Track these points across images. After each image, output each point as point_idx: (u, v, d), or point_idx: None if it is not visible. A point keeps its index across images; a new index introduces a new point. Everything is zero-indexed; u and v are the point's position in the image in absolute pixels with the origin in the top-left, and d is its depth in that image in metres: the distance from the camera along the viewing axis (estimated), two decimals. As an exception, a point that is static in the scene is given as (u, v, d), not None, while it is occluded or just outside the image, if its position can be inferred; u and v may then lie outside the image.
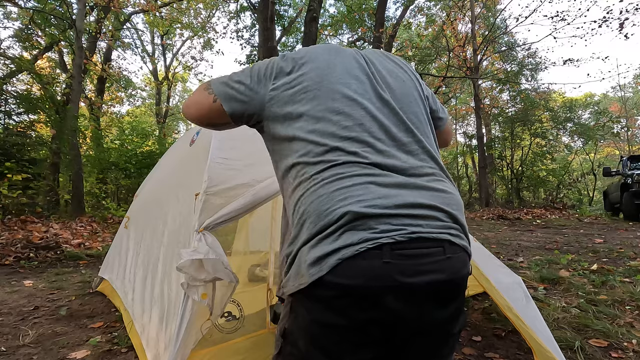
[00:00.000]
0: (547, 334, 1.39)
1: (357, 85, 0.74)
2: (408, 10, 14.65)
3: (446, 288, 0.63)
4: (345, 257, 0.57)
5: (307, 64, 0.76)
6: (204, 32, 16.95)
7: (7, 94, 7.43)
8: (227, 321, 1.75)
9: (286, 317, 0.67)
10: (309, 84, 0.73)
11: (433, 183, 0.68)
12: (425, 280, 0.59)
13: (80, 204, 7.65)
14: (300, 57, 0.78)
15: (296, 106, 0.72)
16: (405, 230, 0.59)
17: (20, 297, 2.69)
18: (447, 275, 0.62)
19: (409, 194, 0.63)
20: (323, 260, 0.59)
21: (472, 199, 15.46)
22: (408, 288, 0.58)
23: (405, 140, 0.71)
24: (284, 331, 0.67)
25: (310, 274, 0.59)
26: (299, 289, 0.61)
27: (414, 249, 0.59)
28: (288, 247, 0.68)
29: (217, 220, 1.33)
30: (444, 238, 0.62)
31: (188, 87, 24.98)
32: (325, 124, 0.69)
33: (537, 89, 15.37)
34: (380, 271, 0.57)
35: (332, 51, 0.80)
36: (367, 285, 0.57)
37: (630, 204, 7.47)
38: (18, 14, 11.58)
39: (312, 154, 0.68)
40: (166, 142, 10.85)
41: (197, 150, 1.90)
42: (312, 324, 0.61)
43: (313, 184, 0.65)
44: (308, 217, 0.63)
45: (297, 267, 0.63)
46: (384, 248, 0.58)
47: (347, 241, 0.58)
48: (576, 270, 3.11)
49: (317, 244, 0.61)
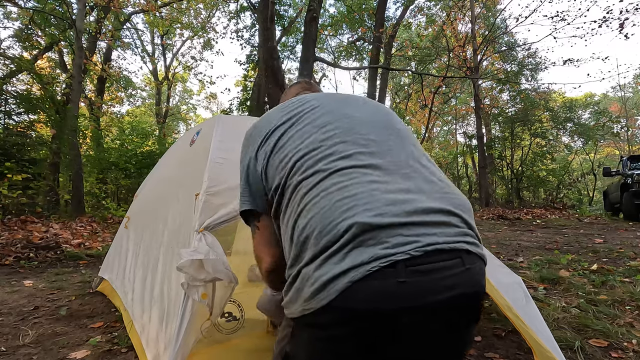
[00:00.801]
0: (547, 334, 1.39)
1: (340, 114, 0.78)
2: (408, 10, 14.65)
3: (467, 303, 0.58)
4: (355, 279, 0.52)
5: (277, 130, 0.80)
6: (204, 32, 16.95)
7: (7, 94, 7.42)
8: (227, 321, 1.75)
9: (287, 339, 0.64)
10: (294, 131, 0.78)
11: (438, 185, 0.66)
12: (444, 298, 0.54)
13: (80, 204, 7.65)
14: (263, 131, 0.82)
15: (282, 145, 0.75)
16: (420, 242, 0.54)
17: (20, 297, 2.69)
18: (467, 289, 0.57)
19: (418, 198, 0.59)
20: (330, 284, 0.53)
21: (472, 199, 15.45)
22: (427, 308, 0.53)
23: (395, 145, 0.73)
24: (285, 354, 0.64)
25: (318, 299, 0.54)
26: (303, 314, 0.57)
27: (431, 264, 0.54)
28: (289, 268, 0.63)
29: (217, 220, 1.33)
30: (461, 248, 0.57)
31: (188, 87, 25.01)
32: (314, 135, 0.71)
33: (537, 89, 15.38)
34: (395, 292, 0.52)
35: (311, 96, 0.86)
36: (381, 308, 0.52)
37: (630, 204, 7.47)
38: (18, 14, 11.58)
39: (306, 165, 0.66)
40: (166, 142, 10.85)
41: (197, 150, 1.90)
42: (317, 349, 0.58)
43: (313, 196, 0.61)
44: (310, 233, 0.58)
45: (298, 289, 0.58)
46: (398, 266, 0.52)
47: (356, 260, 0.53)
48: (576, 270, 3.11)
49: (322, 264, 0.55)
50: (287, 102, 0.87)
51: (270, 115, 0.85)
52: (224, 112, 15.16)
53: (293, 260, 0.61)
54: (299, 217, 0.61)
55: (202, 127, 2.12)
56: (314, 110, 0.79)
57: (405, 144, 0.74)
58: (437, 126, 22.90)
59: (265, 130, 0.80)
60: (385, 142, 0.71)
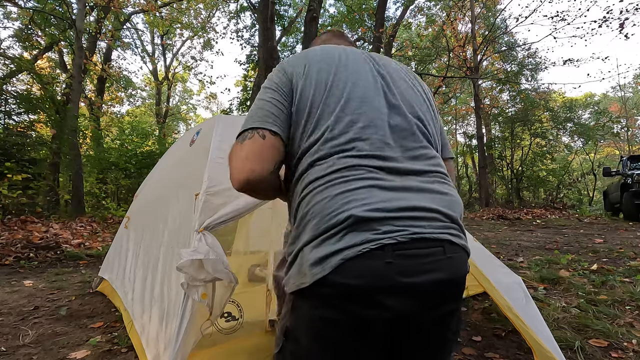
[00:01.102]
0: (547, 334, 1.39)
1: (368, 88, 0.75)
2: (408, 10, 14.65)
3: (447, 287, 0.64)
4: (348, 257, 0.58)
5: (313, 66, 0.77)
6: (204, 32, 16.97)
7: (7, 94, 7.43)
8: (227, 322, 1.75)
9: (287, 315, 0.68)
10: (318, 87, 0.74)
11: (436, 185, 0.69)
12: (426, 280, 0.60)
13: (80, 204, 7.65)
14: (304, 61, 0.78)
15: (317, 106, 0.73)
16: (407, 231, 0.60)
17: (20, 297, 2.69)
18: (448, 274, 0.63)
19: (413, 197, 0.64)
20: (326, 260, 0.59)
21: (472, 199, 15.46)
22: (410, 287, 0.60)
23: (412, 146, 0.72)
24: (286, 329, 0.67)
25: (313, 273, 0.60)
26: (300, 287, 0.62)
27: (416, 249, 0.61)
28: (290, 246, 0.69)
29: (217, 220, 1.33)
30: (444, 238, 0.64)
31: (188, 87, 25.02)
32: (336, 124, 0.70)
33: (537, 89, 15.38)
34: (382, 271, 0.58)
35: (342, 52, 0.81)
36: (369, 284, 0.58)
37: (630, 204, 7.47)
38: (18, 14, 11.59)
39: (320, 154, 0.68)
40: (166, 142, 10.85)
41: (197, 150, 1.90)
42: (314, 321, 0.62)
43: (318, 184, 0.66)
44: (312, 218, 0.64)
45: (298, 266, 0.64)
46: (385, 248, 0.59)
47: (350, 242, 0.59)
48: (576, 270, 3.11)
49: (319, 244, 0.61)
50: (327, 51, 0.80)
51: (320, 50, 0.80)
52: (224, 112, 15.17)
53: (294, 238, 0.67)
54: (304, 200, 0.67)
55: (202, 127, 2.12)
56: (347, 84, 0.74)
57: (422, 148, 0.74)
58: (437, 126, 22.87)
59: (320, 61, 0.77)
60: (400, 147, 0.71)
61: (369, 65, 0.80)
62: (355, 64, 0.79)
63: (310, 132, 0.71)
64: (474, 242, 1.88)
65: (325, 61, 0.78)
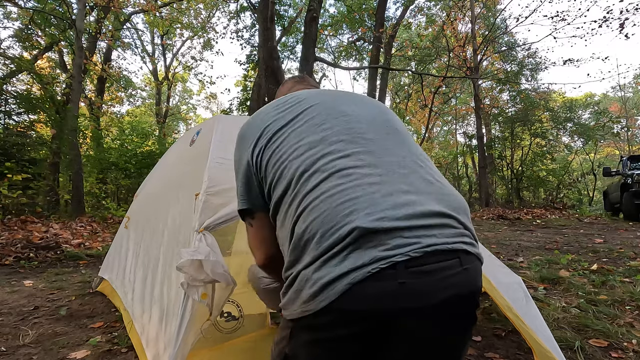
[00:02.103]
0: (547, 334, 1.39)
1: (327, 111, 0.76)
2: (408, 10, 14.65)
3: (464, 303, 0.59)
4: (355, 281, 0.52)
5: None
6: (204, 32, 16.96)
7: (7, 94, 7.43)
8: (227, 321, 1.75)
9: (285, 341, 0.63)
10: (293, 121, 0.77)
11: (436, 185, 0.67)
12: (442, 298, 0.55)
13: (80, 204, 7.65)
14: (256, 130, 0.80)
15: (279, 143, 0.74)
16: (420, 244, 0.54)
17: (20, 297, 2.69)
18: (465, 289, 0.58)
19: (417, 199, 0.60)
20: (330, 286, 0.53)
21: (472, 199, 15.46)
22: (427, 308, 0.54)
23: (394, 144, 0.72)
24: (285, 355, 0.63)
25: (317, 301, 0.54)
26: (302, 315, 0.57)
27: (430, 264, 0.54)
28: (286, 271, 0.63)
29: (218, 220, 1.33)
30: (459, 248, 0.58)
31: (188, 87, 25.01)
32: (312, 134, 0.70)
33: (537, 89, 15.38)
34: (395, 294, 0.52)
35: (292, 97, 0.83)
36: (381, 309, 0.53)
37: (630, 204, 7.47)
38: (18, 14, 11.58)
39: (305, 165, 0.65)
40: (166, 142, 10.85)
41: (197, 150, 1.90)
42: (317, 350, 0.58)
43: (313, 198, 0.60)
44: (311, 237, 0.57)
45: (296, 292, 0.58)
46: (398, 267, 0.52)
47: (356, 262, 0.53)
48: (576, 270, 3.11)
49: (321, 265, 0.55)
50: (281, 99, 0.84)
51: (264, 112, 0.82)
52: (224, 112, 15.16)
53: (292, 263, 0.61)
54: (299, 220, 0.61)
55: (202, 127, 2.12)
56: (310, 109, 0.76)
57: (403, 142, 0.73)
58: (437, 126, 22.90)
59: (260, 128, 0.78)
60: (383, 140, 0.70)
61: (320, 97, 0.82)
62: (305, 103, 0.80)
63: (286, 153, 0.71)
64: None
65: (277, 116, 0.79)
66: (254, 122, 0.82)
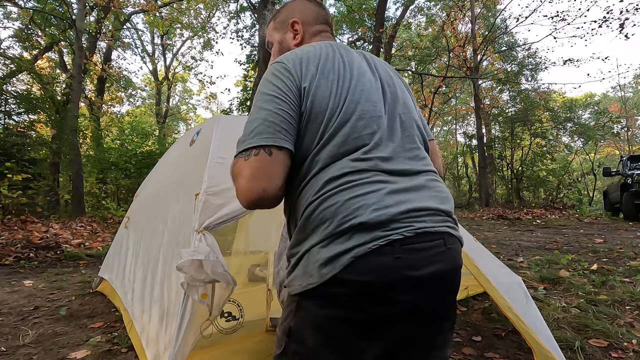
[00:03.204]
0: (547, 334, 1.39)
1: (371, 92, 0.76)
2: (408, 10, 14.66)
3: (448, 276, 0.68)
4: (358, 254, 0.60)
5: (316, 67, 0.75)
6: (204, 32, 16.96)
7: (7, 94, 7.43)
8: (227, 321, 1.75)
9: (291, 316, 0.66)
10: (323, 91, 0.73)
11: (431, 184, 0.74)
12: (430, 271, 0.63)
13: (80, 204, 7.65)
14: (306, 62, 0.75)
15: (318, 109, 0.72)
16: (412, 226, 0.63)
17: (20, 297, 2.69)
18: (448, 264, 0.67)
19: (415, 197, 0.67)
20: (335, 260, 0.60)
21: (472, 199, 15.46)
22: (418, 280, 0.62)
23: (409, 147, 0.76)
24: (289, 330, 0.66)
25: (322, 273, 0.60)
26: (308, 288, 0.62)
27: (420, 243, 0.64)
28: (293, 248, 0.69)
29: (217, 220, 1.33)
30: (444, 230, 0.68)
31: (188, 87, 25.02)
32: (343, 129, 0.70)
33: (537, 89, 15.40)
34: (392, 266, 0.60)
35: (339, 53, 0.80)
36: (380, 280, 0.60)
37: (630, 204, 7.48)
38: (18, 14, 11.59)
39: (328, 159, 0.68)
40: (166, 142, 10.86)
41: (197, 150, 1.90)
42: (322, 320, 0.62)
43: (328, 189, 0.66)
44: (321, 222, 0.64)
45: (304, 267, 0.64)
46: (394, 244, 0.61)
47: (359, 240, 0.61)
48: (576, 270, 3.11)
49: (328, 244, 0.62)
50: (326, 51, 0.77)
51: (311, 57, 0.75)
52: (224, 112, 15.16)
53: (299, 241, 0.67)
54: (313, 202, 0.66)
55: (202, 127, 2.12)
56: (354, 89, 0.73)
57: (415, 140, 0.78)
58: (437, 126, 22.90)
59: (321, 64, 0.73)
60: (399, 140, 0.75)
61: (367, 68, 0.81)
62: (355, 66, 0.79)
63: (318, 136, 0.70)
64: (474, 242, 1.87)
65: (328, 63, 0.75)
66: (312, 53, 0.76)
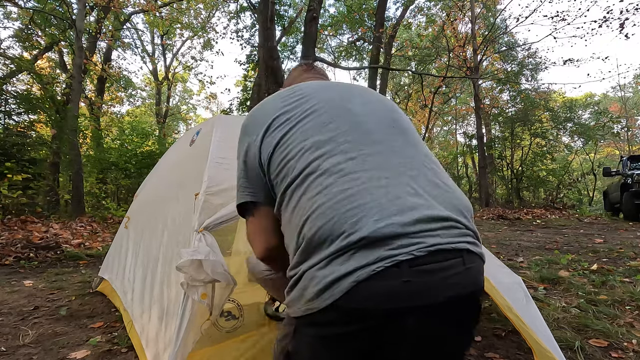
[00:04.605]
0: (547, 334, 1.39)
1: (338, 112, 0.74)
2: (408, 10, 14.66)
3: (467, 302, 0.60)
4: (360, 279, 0.52)
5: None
6: (204, 32, 16.96)
7: (7, 94, 7.42)
8: (227, 321, 1.75)
9: (289, 338, 0.63)
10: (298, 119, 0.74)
11: (442, 186, 0.67)
12: (446, 297, 0.55)
13: (80, 204, 7.65)
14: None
15: (286, 140, 0.72)
16: (424, 243, 0.55)
17: (20, 297, 2.69)
18: (467, 288, 0.58)
19: (424, 203, 0.60)
20: (335, 285, 0.53)
21: (472, 199, 15.45)
22: (431, 306, 0.55)
23: (402, 144, 0.72)
24: (287, 352, 0.63)
25: (322, 298, 0.54)
26: (307, 313, 0.57)
27: (434, 263, 0.55)
28: (291, 270, 0.63)
29: (217, 220, 1.33)
30: (462, 247, 0.59)
31: (188, 87, 25.01)
32: (318, 133, 0.68)
33: (537, 89, 15.37)
34: (399, 291, 0.53)
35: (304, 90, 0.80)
36: (385, 307, 0.53)
37: (630, 204, 7.47)
38: (18, 14, 11.58)
39: (312, 166, 0.64)
40: (166, 142, 10.85)
41: (197, 150, 1.90)
42: (321, 346, 0.58)
43: (321, 202, 0.60)
44: (321, 242, 0.57)
45: (302, 290, 0.58)
46: (402, 266, 0.53)
47: (361, 261, 0.53)
48: (576, 270, 3.11)
49: (326, 264, 0.56)
50: (287, 90, 0.81)
51: (270, 102, 0.80)
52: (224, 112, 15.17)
53: (298, 263, 0.61)
54: (306, 224, 0.60)
55: (202, 127, 2.12)
56: (317, 105, 0.74)
57: (411, 142, 0.73)
58: (437, 126, 22.90)
59: (266, 121, 0.75)
60: (391, 141, 0.70)
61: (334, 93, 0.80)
62: (321, 94, 0.78)
63: (292, 167, 0.67)
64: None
65: (283, 109, 0.76)
66: (259, 112, 0.79)
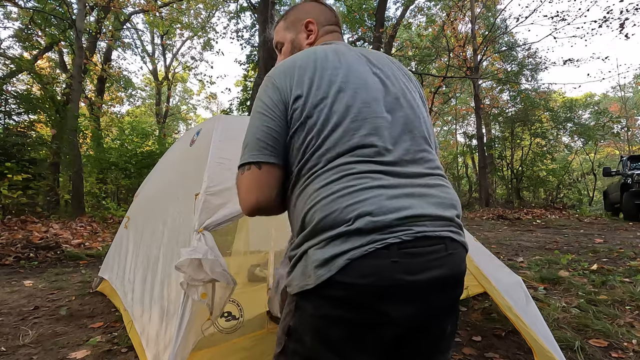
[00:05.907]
0: (547, 334, 1.39)
1: (367, 92, 0.74)
2: (408, 10, 14.66)
3: (448, 283, 0.66)
4: (354, 257, 0.59)
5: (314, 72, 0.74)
6: (204, 32, 16.97)
7: (7, 94, 7.43)
8: (227, 321, 1.75)
9: (290, 315, 0.67)
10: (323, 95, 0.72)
11: (437, 188, 0.71)
12: (429, 276, 0.62)
13: (80, 204, 7.65)
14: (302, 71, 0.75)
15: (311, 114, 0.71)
16: (411, 230, 0.62)
17: (20, 297, 2.69)
18: (449, 270, 0.65)
19: (417, 203, 0.65)
20: (332, 262, 0.60)
21: (472, 199, 15.46)
22: (415, 285, 0.61)
23: (413, 149, 0.72)
24: (289, 329, 0.67)
25: (318, 275, 0.60)
26: (305, 288, 0.63)
27: (419, 247, 0.62)
28: (293, 250, 0.69)
29: (217, 220, 1.33)
30: (445, 235, 0.66)
31: (188, 87, 25.02)
32: (338, 133, 0.69)
33: (537, 89, 15.37)
34: (388, 270, 0.59)
35: (335, 54, 0.79)
36: (375, 283, 0.59)
37: (630, 204, 7.48)
38: (18, 14, 11.58)
39: (325, 163, 0.68)
40: (166, 142, 10.85)
41: (197, 150, 1.90)
42: (320, 320, 0.62)
43: (326, 194, 0.65)
44: (322, 228, 0.64)
45: (302, 268, 0.64)
46: (391, 248, 0.60)
47: (355, 243, 0.60)
48: (576, 270, 3.11)
49: (325, 246, 0.62)
50: (322, 52, 0.78)
51: (301, 66, 0.75)
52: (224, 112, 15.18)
53: (299, 244, 0.67)
54: (310, 211, 0.66)
55: (202, 127, 2.12)
56: (346, 90, 0.72)
57: (419, 140, 0.75)
58: (437, 126, 22.88)
59: (303, 79, 0.73)
60: (402, 140, 0.72)
61: (365, 67, 0.79)
62: (351, 66, 0.77)
63: (312, 142, 0.70)
64: (474, 242, 1.87)
65: (317, 71, 0.74)
66: (300, 64, 0.75)
